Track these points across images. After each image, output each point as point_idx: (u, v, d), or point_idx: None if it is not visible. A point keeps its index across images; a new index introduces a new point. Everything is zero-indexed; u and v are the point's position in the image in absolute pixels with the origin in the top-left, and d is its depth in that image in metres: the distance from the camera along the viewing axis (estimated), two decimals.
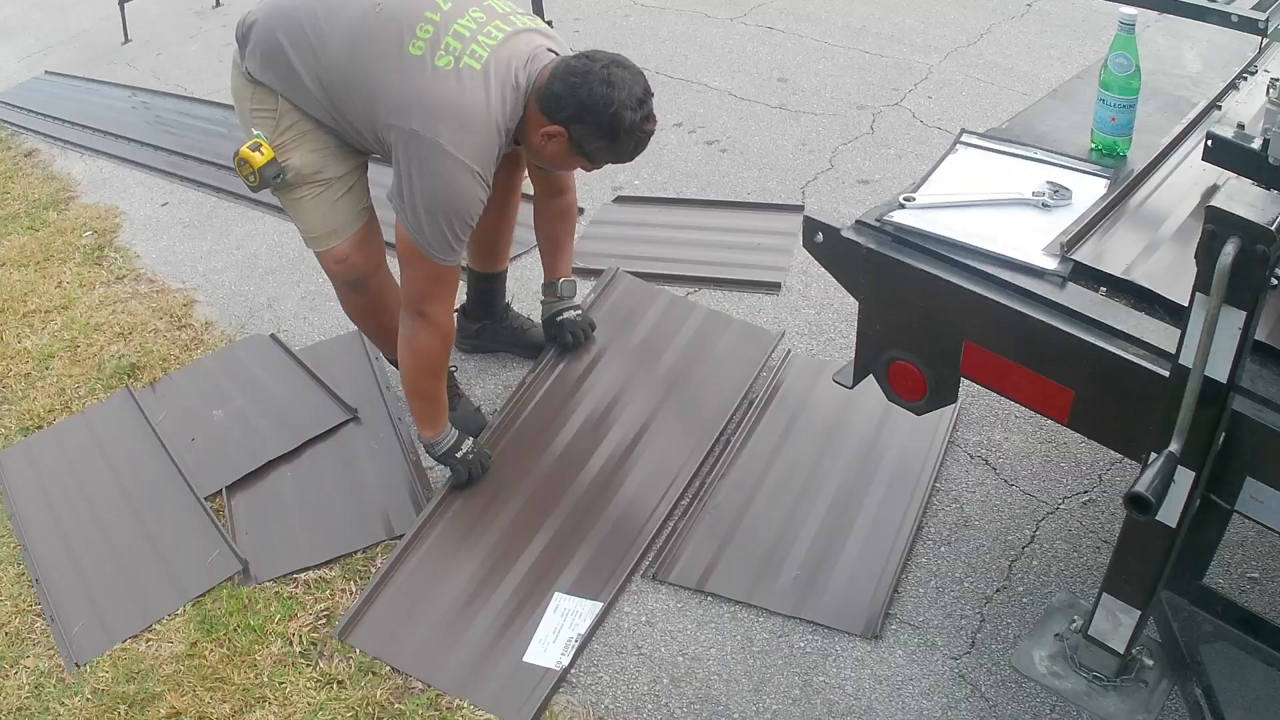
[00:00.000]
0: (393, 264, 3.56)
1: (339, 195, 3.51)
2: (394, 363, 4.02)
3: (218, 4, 8.79)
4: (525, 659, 3.17)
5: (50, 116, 7.11)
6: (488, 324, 4.33)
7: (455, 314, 4.08)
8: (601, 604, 3.30)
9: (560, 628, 3.24)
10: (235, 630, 3.36)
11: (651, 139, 3.23)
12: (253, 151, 3.37)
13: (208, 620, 3.40)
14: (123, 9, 8.24)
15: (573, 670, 3.15)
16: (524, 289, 4.59)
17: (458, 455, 3.66)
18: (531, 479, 3.74)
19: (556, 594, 3.34)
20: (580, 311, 4.18)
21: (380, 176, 3.43)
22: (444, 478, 3.76)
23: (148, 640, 3.38)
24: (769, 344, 4.17)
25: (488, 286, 4.24)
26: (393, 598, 3.38)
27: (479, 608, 3.34)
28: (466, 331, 4.34)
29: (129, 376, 4.50)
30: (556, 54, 3.26)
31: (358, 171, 3.56)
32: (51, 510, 3.92)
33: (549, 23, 3.51)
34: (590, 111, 3.12)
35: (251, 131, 3.44)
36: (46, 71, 7.96)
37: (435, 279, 3.30)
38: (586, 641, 3.22)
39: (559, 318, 4.15)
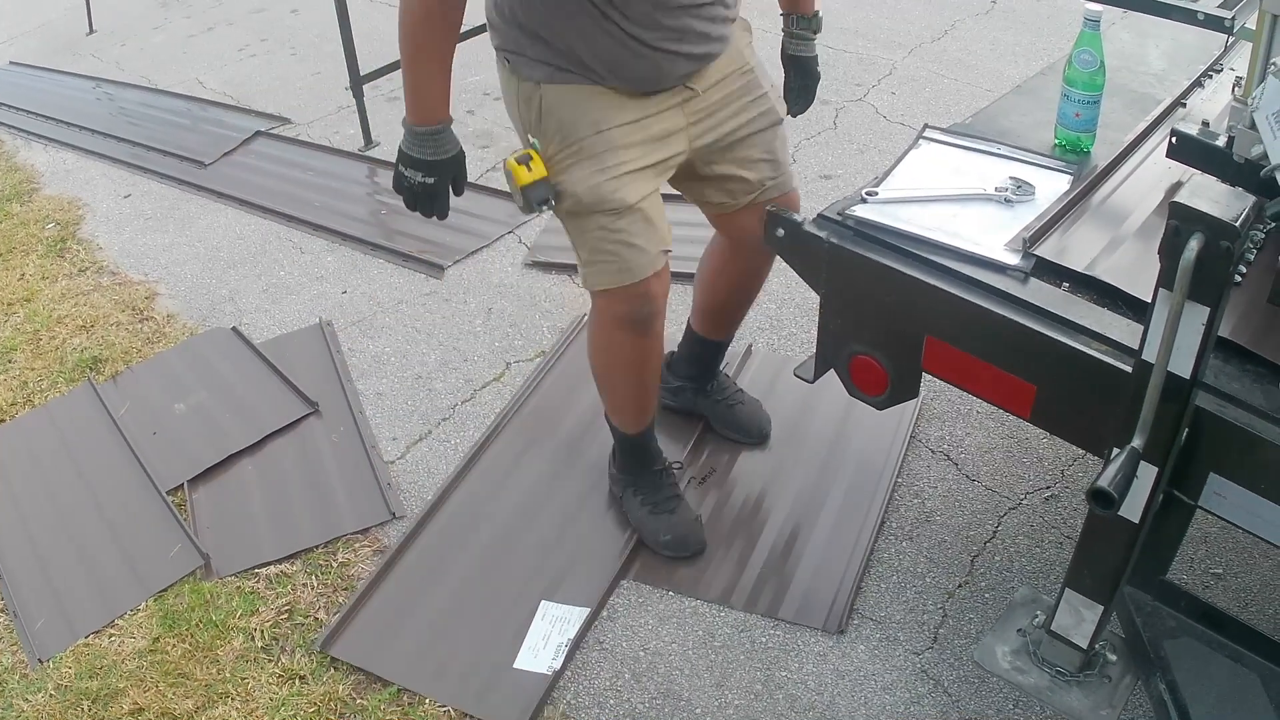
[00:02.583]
0: None
1: (631, 231, 2.92)
2: (613, 431, 3.57)
3: None
4: (515, 665, 3.15)
5: (14, 107, 7.05)
6: (687, 386, 3.89)
7: (665, 356, 3.70)
8: (589, 609, 3.28)
9: (550, 634, 3.22)
10: (197, 625, 3.34)
11: None
12: (519, 165, 2.82)
13: (170, 615, 3.38)
14: None
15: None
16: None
17: (408, 171, 2.84)
18: (514, 493, 3.72)
19: (544, 602, 3.32)
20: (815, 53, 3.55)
21: None
22: (409, 474, 3.78)
23: (110, 635, 3.36)
24: (734, 358, 4.15)
25: (700, 351, 3.80)
26: (376, 610, 3.35)
27: (465, 619, 3.32)
28: (668, 384, 3.84)
29: (91, 369, 4.47)
30: None
31: (653, 196, 2.97)
32: (14, 505, 3.89)
33: None
34: None
35: (528, 139, 2.91)
36: (11, 62, 7.89)
37: None
38: (577, 645, 3.20)
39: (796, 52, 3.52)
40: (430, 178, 2.82)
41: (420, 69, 2.75)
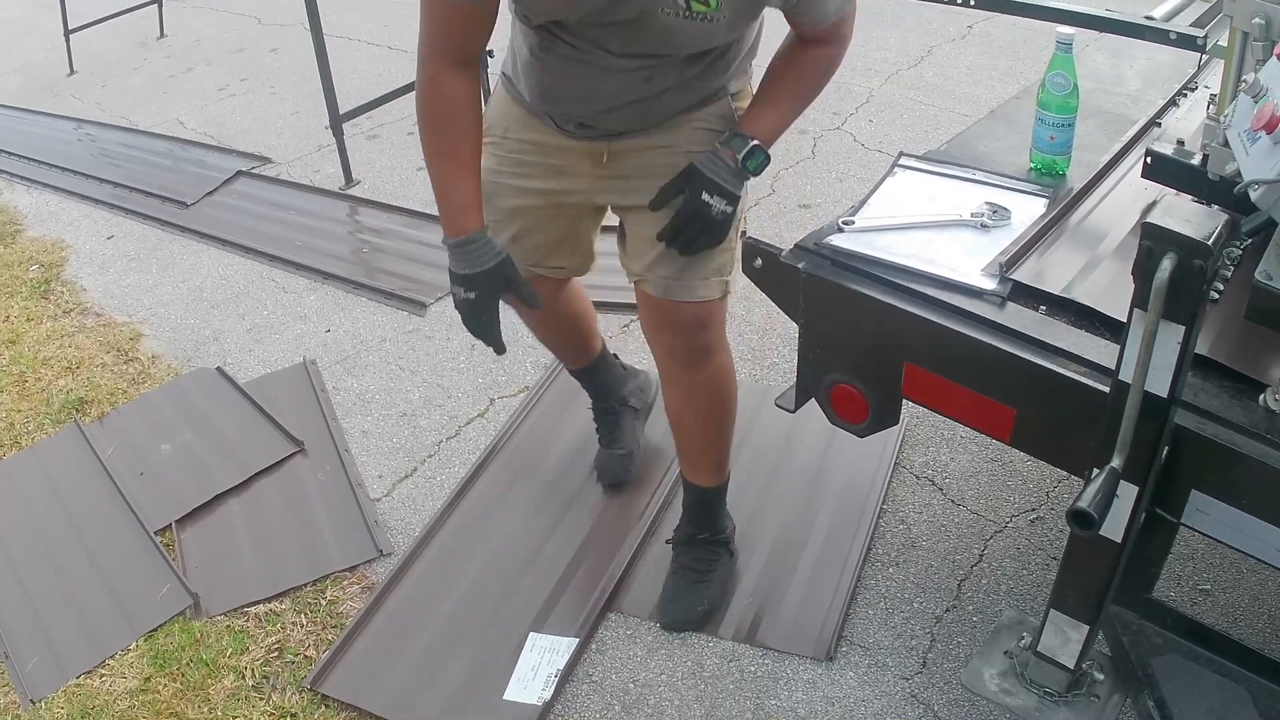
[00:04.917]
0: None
1: (500, 234, 2.90)
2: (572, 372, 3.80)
3: (162, 35, 8.77)
4: (505, 697, 3.14)
5: None
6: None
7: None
8: (578, 639, 3.27)
9: (539, 665, 3.22)
10: (188, 664, 3.33)
11: None
12: None
13: (160, 655, 3.37)
14: (68, 41, 8.22)
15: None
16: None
17: (453, 288, 2.72)
18: (500, 528, 3.71)
19: (532, 634, 3.32)
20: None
21: None
22: (395, 511, 3.78)
23: (102, 675, 3.35)
24: None
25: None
26: (366, 646, 3.35)
27: (454, 653, 3.31)
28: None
29: (77, 411, 4.47)
30: None
31: (533, 214, 3.01)
32: (2, 546, 3.88)
33: (489, 52, 3.39)
34: None
35: None
36: None
37: (425, 11, 2.49)
38: (567, 675, 3.19)
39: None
40: (471, 292, 2.69)
41: (434, 168, 2.67)
